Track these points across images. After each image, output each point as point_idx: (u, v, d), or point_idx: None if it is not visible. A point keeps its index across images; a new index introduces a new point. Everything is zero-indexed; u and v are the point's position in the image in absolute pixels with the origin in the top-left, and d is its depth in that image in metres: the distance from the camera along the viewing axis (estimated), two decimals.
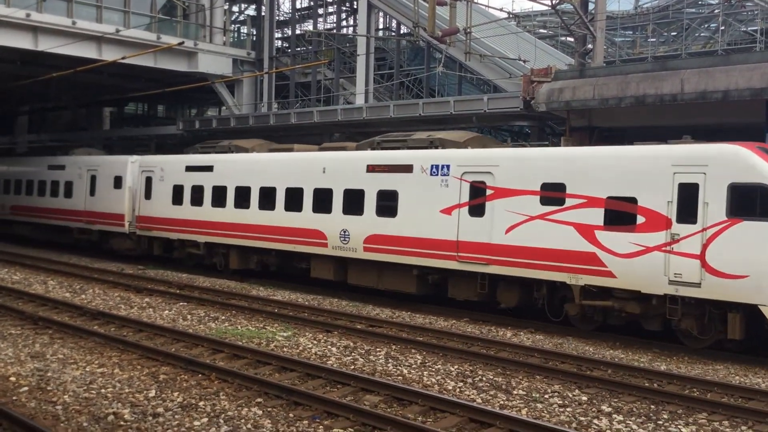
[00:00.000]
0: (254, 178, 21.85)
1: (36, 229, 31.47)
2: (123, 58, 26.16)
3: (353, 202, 19.15)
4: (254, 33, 33.63)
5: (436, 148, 18.60)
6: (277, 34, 35.16)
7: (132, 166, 26.26)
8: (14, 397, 9.86)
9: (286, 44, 35.86)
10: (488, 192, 16.60)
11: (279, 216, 20.98)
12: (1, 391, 10.13)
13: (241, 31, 35.88)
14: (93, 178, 27.83)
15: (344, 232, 19.13)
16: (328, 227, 19.57)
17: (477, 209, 16.74)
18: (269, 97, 32.42)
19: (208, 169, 23.44)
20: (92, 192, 27.77)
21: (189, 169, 24.11)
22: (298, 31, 34.42)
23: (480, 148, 18.01)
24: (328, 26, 36.67)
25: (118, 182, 26.62)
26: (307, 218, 20.21)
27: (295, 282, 21.69)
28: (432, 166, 17.67)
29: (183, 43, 27.90)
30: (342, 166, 19.64)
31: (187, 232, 23.91)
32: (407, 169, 18.15)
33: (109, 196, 26.88)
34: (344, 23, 35.68)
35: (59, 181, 29.76)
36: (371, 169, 18.91)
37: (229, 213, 22.49)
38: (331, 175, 19.74)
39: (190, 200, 23.81)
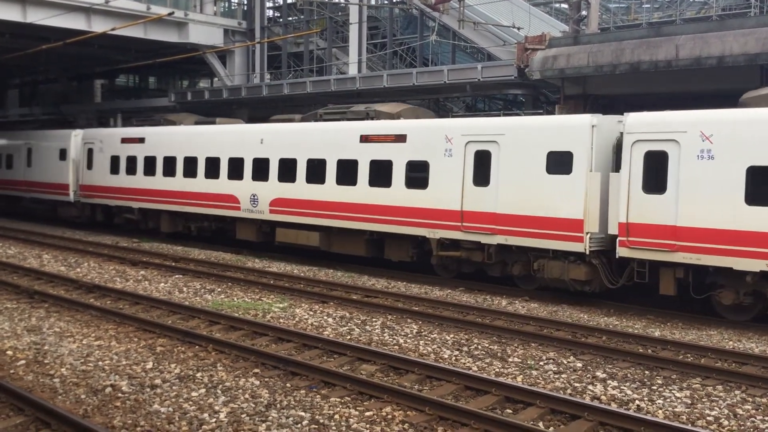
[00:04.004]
0: None
1: (331, 237, 20.05)
2: (112, 30, 25.92)
3: None
4: (245, 2, 33.25)
5: None
6: (269, 4, 34.81)
7: (627, 138, 14.31)
8: (12, 371, 9.89)
9: (277, 14, 35.52)
10: None
11: None
12: None
13: (232, 0, 35.48)
14: (482, 157, 16.65)
15: None
16: None
17: None
18: (261, 67, 32.16)
19: None
20: (480, 179, 16.67)
21: None
22: (289, 0, 34.06)
23: None
24: None
25: (561, 162, 15.39)
26: None
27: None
28: None
29: (173, 13, 27.61)
30: None
31: None
32: None
33: (543, 187, 15.61)
34: None
35: (391, 160, 18.45)
36: None
37: None
38: None
39: None
